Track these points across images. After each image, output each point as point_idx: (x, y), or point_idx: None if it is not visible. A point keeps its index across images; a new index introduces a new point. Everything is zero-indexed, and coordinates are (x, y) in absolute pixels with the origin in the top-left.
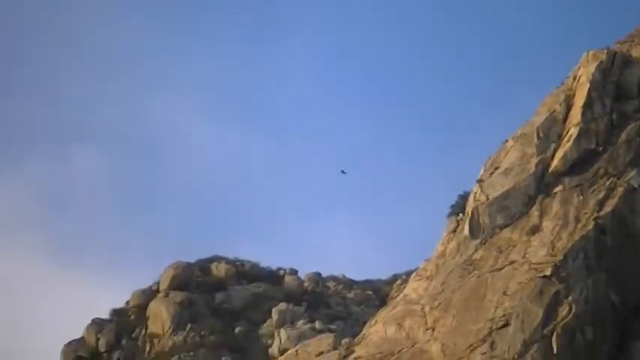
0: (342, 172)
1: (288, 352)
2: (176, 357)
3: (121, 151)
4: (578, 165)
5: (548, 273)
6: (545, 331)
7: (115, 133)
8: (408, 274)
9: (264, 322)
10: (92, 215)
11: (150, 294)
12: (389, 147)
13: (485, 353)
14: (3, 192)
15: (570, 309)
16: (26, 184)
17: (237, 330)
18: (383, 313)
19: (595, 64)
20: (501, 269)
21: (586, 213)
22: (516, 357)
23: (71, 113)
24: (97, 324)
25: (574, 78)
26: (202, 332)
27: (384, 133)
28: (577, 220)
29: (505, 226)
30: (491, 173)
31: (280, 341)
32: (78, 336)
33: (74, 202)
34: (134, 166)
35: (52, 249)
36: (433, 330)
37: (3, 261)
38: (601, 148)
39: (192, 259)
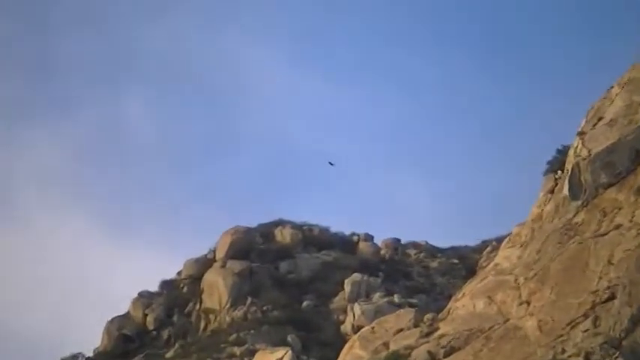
0: (330, 163)
1: (363, 329)
2: (235, 335)
3: (180, 96)
4: None
5: None
6: None
7: (173, 75)
8: (499, 240)
9: (336, 295)
10: (144, 169)
11: (205, 263)
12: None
13: (587, 330)
14: (48, 145)
15: None
16: (74, 136)
17: (304, 304)
18: (471, 285)
19: None
20: (606, 234)
21: None
22: (623, 334)
23: (126, 53)
24: (145, 297)
25: None
26: (264, 307)
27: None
28: None
29: (610, 185)
30: (594, 125)
31: (354, 317)
32: (123, 311)
33: (126, 153)
34: (195, 113)
35: (99, 210)
36: (528, 304)
37: (46, 220)
38: None
39: (253, 223)
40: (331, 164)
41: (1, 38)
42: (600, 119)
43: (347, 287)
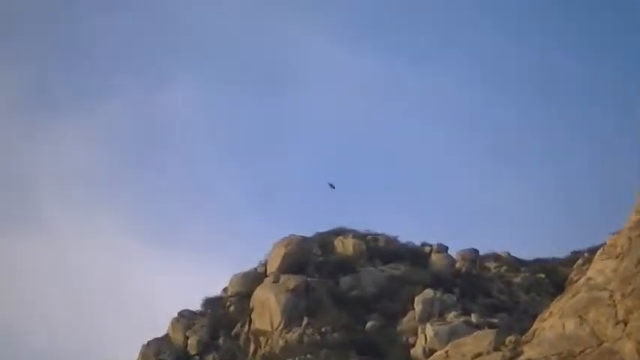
0: (331, 186)
1: (436, 353)
2: None
3: (231, 83)
4: None
5: None
6: None
7: (219, 58)
8: (592, 251)
9: (404, 314)
10: (187, 168)
11: (254, 278)
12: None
13: None
14: (75, 139)
15: None
16: (105, 129)
17: (368, 325)
18: (559, 303)
19: None
20: None
21: None
22: None
23: (169, 33)
24: (186, 317)
25: None
26: (323, 328)
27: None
28: None
29: None
30: None
31: (425, 339)
32: (161, 332)
33: (166, 148)
34: (248, 105)
35: (133, 214)
36: (625, 324)
37: (72, 226)
38: None
39: (309, 232)
40: (332, 187)
41: (18, 15)
42: None
43: (417, 305)
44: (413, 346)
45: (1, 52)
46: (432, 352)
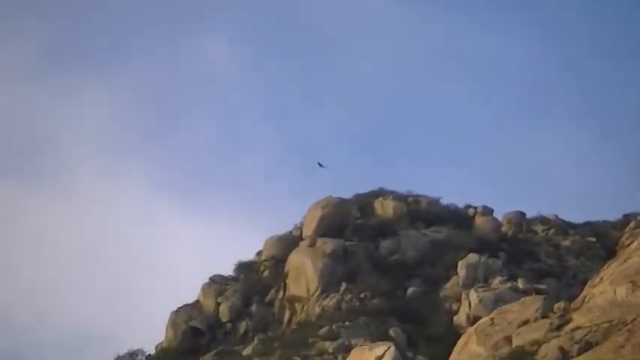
0: (320, 165)
1: (481, 320)
2: (326, 328)
3: (270, 39)
4: None
5: None
6: None
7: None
8: None
9: (447, 280)
10: (220, 127)
11: (290, 242)
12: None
13: None
14: (105, 98)
15: None
16: (136, 86)
17: (409, 291)
18: (610, 268)
19: None
20: None
21: None
22: None
23: None
24: (218, 283)
25: None
26: (362, 294)
27: None
28: None
29: None
30: None
31: (469, 306)
32: (191, 299)
33: (200, 106)
34: (288, 60)
35: (164, 176)
36: None
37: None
38: None
39: (348, 193)
40: (321, 166)
41: None
42: None
43: (461, 270)
44: (456, 312)
45: (26, 12)
46: (476, 319)
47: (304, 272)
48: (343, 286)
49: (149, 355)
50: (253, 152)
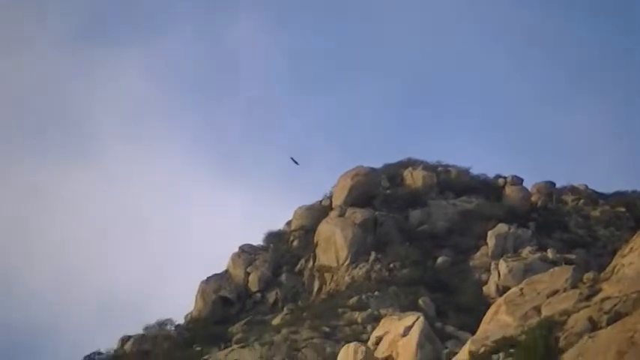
0: (294, 161)
1: (510, 291)
2: (355, 298)
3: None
4: None
5: None
6: None
7: None
8: None
9: (477, 250)
10: (252, 98)
11: (319, 212)
12: None
13: None
14: (135, 69)
15: None
16: (166, 57)
17: (439, 261)
18: None
19: None
20: None
21: None
22: None
23: None
24: (247, 253)
25: None
26: (391, 264)
27: None
28: None
29: None
30: None
31: (499, 276)
32: (221, 268)
33: (230, 77)
34: (320, 31)
35: (195, 146)
36: None
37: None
38: None
39: (377, 163)
40: (294, 162)
41: None
42: None
43: (490, 240)
44: (485, 283)
45: None
46: (505, 289)
47: (334, 242)
48: (372, 256)
49: (178, 324)
50: (284, 123)
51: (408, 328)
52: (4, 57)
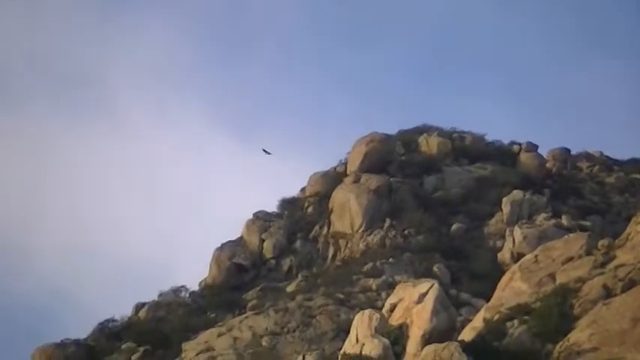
0: (265, 152)
1: (525, 257)
2: (370, 265)
3: None
4: None
5: None
6: None
7: None
8: None
9: (492, 216)
10: (272, 60)
11: (334, 178)
12: None
13: None
14: (152, 30)
15: None
16: (185, 16)
17: (453, 227)
18: None
19: None
20: None
21: None
22: None
23: None
24: (262, 219)
25: None
26: (406, 231)
27: None
28: None
29: None
30: None
31: (513, 243)
32: (235, 235)
33: (250, 37)
34: None
35: (213, 108)
36: None
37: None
38: None
39: (392, 129)
40: (267, 152)
41: None
42: None
43: (505, 207)
44: (500, 249)
45: None
46: (520, 256)
47: (348, 208)
48: (387, 222)
49: (193, 291)
50: (300, 88)
51: (423, 295)
52: (20, 15)
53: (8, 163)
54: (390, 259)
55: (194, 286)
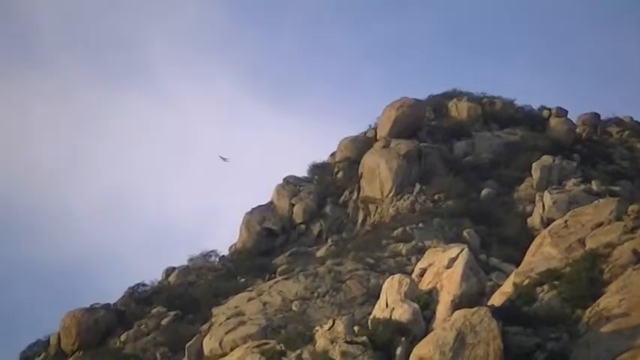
0: (222, 158)
1: (554, 223)
2: (400, 229)
3: None
4: None
5: None
6: None
7: None
8: None
9: (521, 181)
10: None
11: (364, 143)
12: None
13: None
14: None
15: None
16: None
17: (483, 192)
18: None
19: None
20: None
21: None
22: None
23: None
24: (292, 184)
25: None
26: (436, 196)
27: None
28: None
29: None
30: None
31: (543, 208)
32: (265, 200)
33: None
34: None
35: (246, 73)
36: None
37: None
38: None
39: (422, 94)
40: (223, 159)
41: None
42: None
43: (535, 172)
44: (530, 214)
45: None
46: (550, 221)
47: (378, 173)
48: (417, 187)
49: (223, 255)
50: (332, 55)
51: (453, 260)
52: None
53: (45, 126)
54: (420, 224)
55: (224, 251)
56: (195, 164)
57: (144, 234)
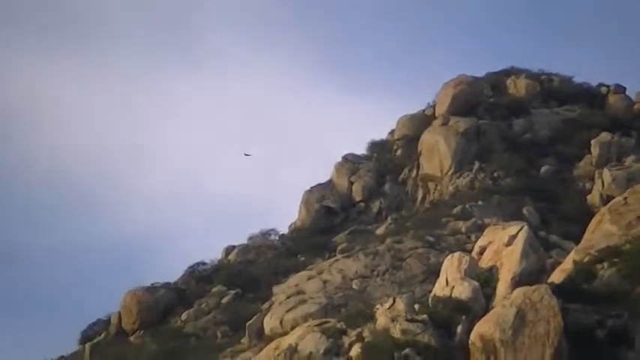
0: (246, 154)
1: (614, 200)
2: (459, 207)
3: None
4: None
5: None
6: None
7: None
8: None
9: (581, 158)
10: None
11: (422, 121)
12: None
13: None
14: None
15: None
16: None
17: (543, 170)
18: None
19: None
20: None
21: None
22: None
23: None
24: (351, 162)
25: None
26: (495, 173)
27: None
28: None
29: None
30: None
31: (603, 185)
32: (324, 178)
33: None
34: None
35: (299, 51)
36: None
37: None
38: None
39: (479, 72)
40: (247, 155)
41: None
42: None
43: (594, 149)
44: (589, 191)
45: None
46: (609, 198)
47: (437, 151)
48: (476, 164)
49: (282, 234)
50: (387, 33)
51: (513, 238)
52: None
53: (102, 104)
54: (479, 202)
55: (283, 229)
56: (257, 143)
57: (204, 214)
